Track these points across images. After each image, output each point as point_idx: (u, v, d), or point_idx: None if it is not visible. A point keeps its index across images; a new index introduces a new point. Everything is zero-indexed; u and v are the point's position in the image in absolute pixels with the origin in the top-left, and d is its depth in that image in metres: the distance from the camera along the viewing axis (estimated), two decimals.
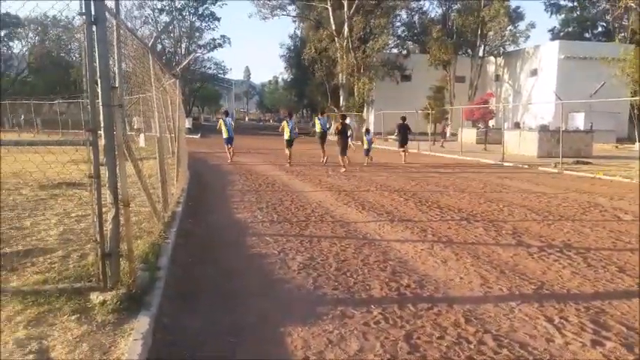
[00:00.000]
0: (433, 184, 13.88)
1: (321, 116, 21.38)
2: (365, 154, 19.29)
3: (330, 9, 49.25)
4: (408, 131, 21.77)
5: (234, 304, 4.73)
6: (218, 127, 20.52)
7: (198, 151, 24.86)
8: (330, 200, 10.77)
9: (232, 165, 18.75)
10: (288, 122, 18.81)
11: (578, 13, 65.74)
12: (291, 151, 18.74)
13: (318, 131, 20.12)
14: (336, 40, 49.40)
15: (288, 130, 18.50)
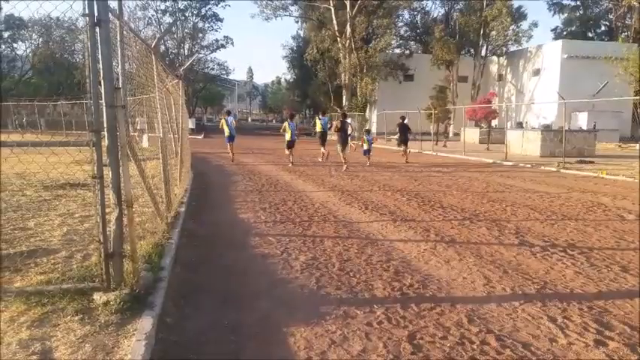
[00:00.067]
0: (436, 183, 13.87)
1: (322, 116, 21.57)
2: (365, 154, 19.33)
3: (332, 9, 49.29)
4: (408, 131, 21.83)
5: (237, 304, 4.73)
6: (220, 126, 20.90)
7: (201, 152, 24.91)
8: (333, 200, 10.77)
9: (235, 165, 18.78)
10: (289, 124, 18.91)
11: (581, 12, 65.66)
12: (292, 151, 18.90)
13: (318, 131, 20.34)
14: (339, 40, 49.46)
15: (289, 131, 18.61)
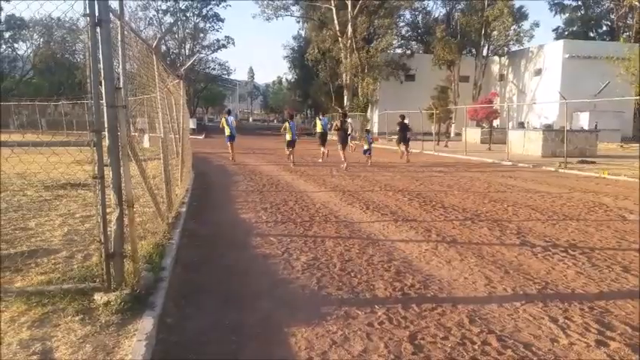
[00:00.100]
0: (437, 183, 13.85)
1: (322, 117, 21.82)
2: (365, 153, 19.43)
3: (333, 9, 49.34)
4: (408, 129, 21.96)
5: (238, 305, 4.73)
6: (221, 125, 21.07)
7: (202, 152, 24.92)
8: (334, 200, 10.76)
9: (236, 165, 18.78)
10: (290, 123, 19.06)
11: (583, 12, 65.59)
12: (293, 151, 18.98)
13: (318, 131, 20.46)
14: (340, 40, 49.50)
15: (290, 131, 18.75)
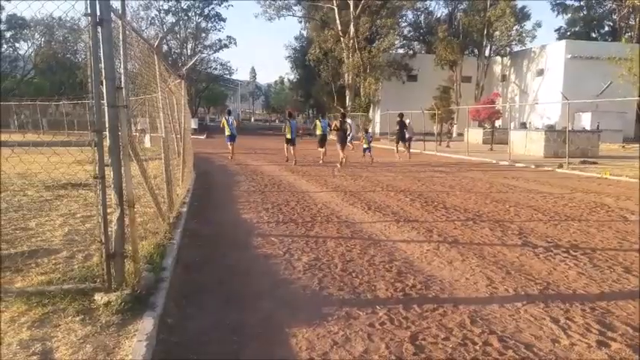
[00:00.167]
0: (439, 184, 13.84)
1: (322, 118, 22.27)
2: (365, 151, 19.90)
3: (336, 9, 49.35)
4: (405, 129, 22.50)
5: (240, 305, 4.72)
6: (221, 125, 21.66)
7: (203, 152, 24.91)
8: (336, 201, 10.75)
9: (238, 165, 18.79)
10: (290, 122, 19.76)
11: (585, 12, 65.49)
12: (294, 150, 19.44)
13: (318, 133, 20.73)
14: (342, 40, 49.50)
15: (290, 130, 19.37)
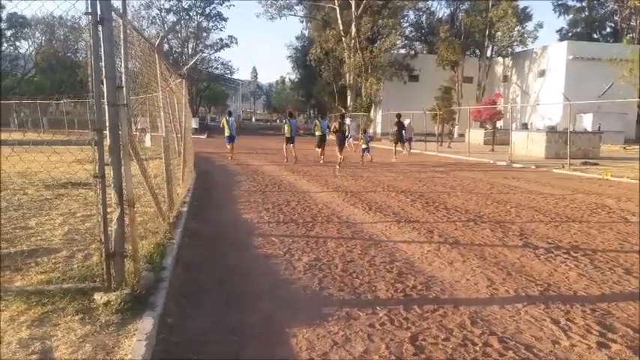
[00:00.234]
0: (440, 184, 13.83)
1: (322, 119, 22.84)
2: (364, 152, 20.04)
3: (337, 9, 49.36)
4: (404, 130, 23.16)
5: (240, 305, 4.71)
6: (221, 125, 22.11)
7: (204, 151, 24.92)
8: (336, 201, 10.74)
9: (238, 165, 18.80)
10: (290, 121, 20.38)
11: (587, 13, 65.46)
12: (294, 149, 19.93)
13: (318, 134, 20.91)
14: (344, 40, 49.49)
15: (289, 129, 20.01)
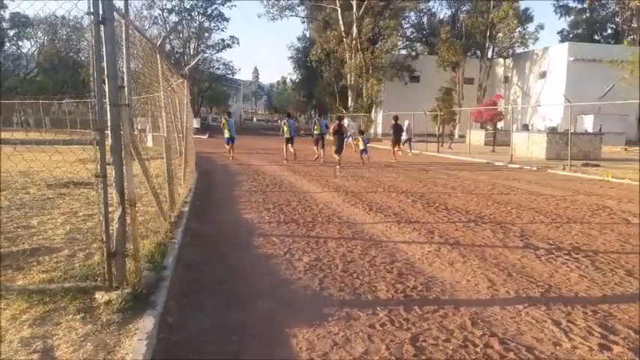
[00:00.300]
0: (440, 185, 13.83)
1: (320, 119, 23.32)
2: (362, 153, 20.29)
3: (339, 10, 49.35)
4: (402, 131, 23.50)
5: (240, 305, 4.72)
6: (222, 126, 22.55)
7: (205, 151, 24.93)
8: (337, 201, 10.75)
9: (239, 165, 18.81)
10: (288, 122, 20.80)
11: (588, 15, 65.41)
12: (294, 149, 20.42)
13: (316, 133, 21.15)
14: (345, 40, 49.48)
15: (287, 129, 20.48)
